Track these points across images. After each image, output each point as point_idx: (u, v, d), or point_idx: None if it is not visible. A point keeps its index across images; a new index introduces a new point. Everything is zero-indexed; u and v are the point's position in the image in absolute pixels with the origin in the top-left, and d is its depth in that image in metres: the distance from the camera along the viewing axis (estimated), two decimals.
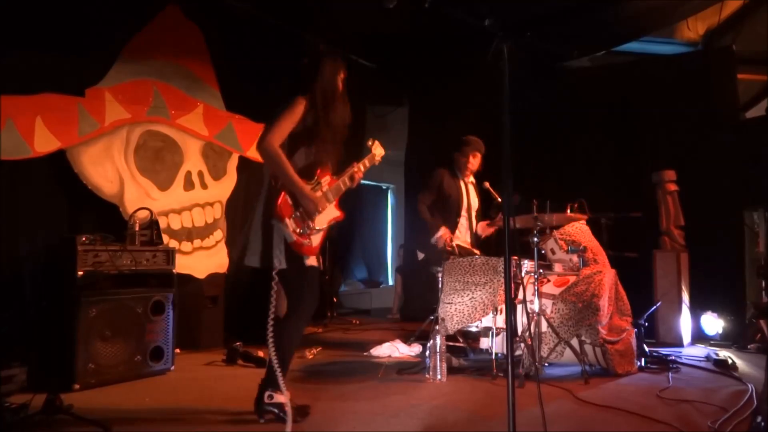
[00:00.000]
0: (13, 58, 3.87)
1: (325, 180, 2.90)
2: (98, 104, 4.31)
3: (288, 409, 2.62)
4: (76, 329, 3.43)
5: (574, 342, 3.88)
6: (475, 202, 4.84)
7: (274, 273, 2.68)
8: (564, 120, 6.28)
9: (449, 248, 4.41)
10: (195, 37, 5.06)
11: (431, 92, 7.20)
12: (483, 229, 4.81)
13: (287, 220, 2.73)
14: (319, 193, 2.84)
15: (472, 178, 4.88)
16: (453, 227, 4.66)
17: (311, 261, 2.81)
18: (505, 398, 1.90)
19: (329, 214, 2.90)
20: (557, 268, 4.40)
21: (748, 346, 4.95)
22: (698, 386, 3.61)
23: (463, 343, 4.52)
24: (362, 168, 3.03)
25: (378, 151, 3.16)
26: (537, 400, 2.20)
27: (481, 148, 4.77)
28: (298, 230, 2.74)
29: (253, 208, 2.96)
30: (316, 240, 2.83)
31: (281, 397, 2.69)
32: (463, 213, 4.74)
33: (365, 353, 4.65)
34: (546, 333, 3.90)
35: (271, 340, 2.62)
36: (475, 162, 4.78)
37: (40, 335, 3.37)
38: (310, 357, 4.52)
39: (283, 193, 2.74)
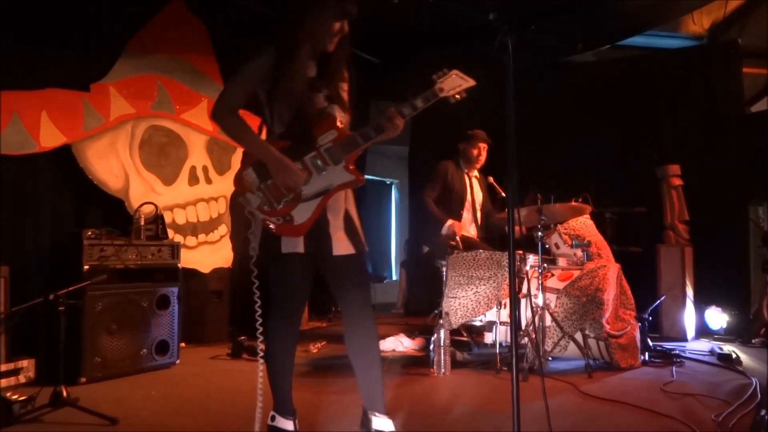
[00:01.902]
0: (18, 53, 3.88)
1: (326, 137, 2.21)
2: (103, 99, 4.32)
3: None
4: (83, 323, 3.46)
5: (578, 336, 3.88)
6: (479, 196, 4.83)
7: (251, 264, 2.23)
8: (568, 114, 6.26)
9: (453, 242, 4.41)
10: (199, 32, 5.07)
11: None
12: (498, 221, 4.78)
13: (248, 195, 2.19)
14: (311, 155, 2.19)
15: (476, 172, 4.88)
16: (457, 220, 4.66)
17: (291, 245, 2.18)
18: (509, 392, 1.91)
19: (329, 179, 2.20)
20: (561, 262, 4.40)
21: (753, 341, 4.94)
22: (702, 380, 3.61)
23: (467, 337, 4.53)
24: (406, 112, 2.21)
25: (448, 83, 2.23)
26: (541, 394, 2.20)
27: (488, 141, 4.77)
28: (265, 206, 2.18)
29: None
30: (300, 216, 2.17)
31: (283, 423, 2.31)
32: (467, 206, 4.74)
33: None
34: (550, 327, 3.90)
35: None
36: (484, 155, 4.78)
37: (48, 329, 3.39)
38: (315, 351, 4.54)
39: (244, 165, 2.24)
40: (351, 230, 2.28)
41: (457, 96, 2.25)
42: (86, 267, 3.54)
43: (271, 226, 2.17)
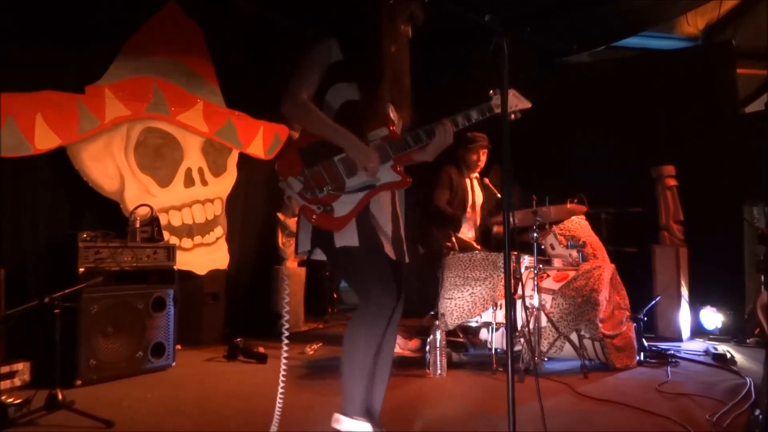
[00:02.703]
0: (13, 55, 3.87)
1: (376, 134, 2.20)
2: (98, 101, 4.31)
3: None
4: (78, 326, 3.45)
5: (574, 337, 3.89)
6: (479, 198, 4.87)
7: (281, 254, 2.24)
8: (564, 115, 6.27)
9: (449, 243, 4.43)
10: (194, 33, 5.06)
11: (431, 88, 7.20)
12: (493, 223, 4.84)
13: (291, 180, 2.13)
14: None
15: (476, 174, 4.91)
16: (459, 223, 4.69)
17: (344, 239, 2.12)
18: (504, 393, 1.91)
19: (377, 175, 2.17)
20: (557, 263, 4.41)
21: (747, 341, 4.97)
22: (697, 380, 3.63)
23: (463, 338, 4.53)
24: (459, 121, 2.24)
25: (498, 100, 2.20)
26: (536, 395, 2.21)
27: (488, 146, 4.79)
28: (307, 193, 2.12)
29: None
30: (341, 209, 2.13)
31: (350, 424, 2.13)
32: (469, 209, 4.77)
33: None
34: (545, 328, 3.91)
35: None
36: (483, 159, 4.81)
37: (43, 332, 3.38)
38: (311, 352, 4.54)
39: (290, 148, 2.21)
40: (395, 237, 2.25)
41: (512, 116, 2.25)
42: (82, 269, 3.54)
43: (314, 217, 2.12)
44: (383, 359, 2.25)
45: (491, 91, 2.27)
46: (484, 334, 4.38)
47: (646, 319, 4.43)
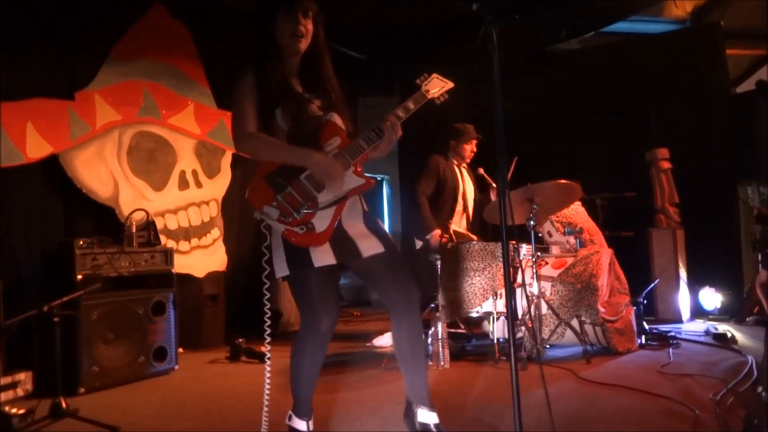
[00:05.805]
0: (0, 63, 3.84)
1: (331, 144, 2.21)
2: (88, 107, 4.28)
3: None
4: (79, 333, 3.44)
5: (575, 323, 3.90)
6: (470, 188, 4.86)
7: (263, 277, 2.20)
8: (556, 103, 6.28)
9: (446, 237, 4.42)
10: (182, 35, 5.04)
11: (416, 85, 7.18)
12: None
13: (266, 208, 2.11)
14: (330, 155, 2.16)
15: (464, 164, 4.90)
16: (450, 213, 4.68)
17: (322, 257, 2.13)
18: (508, 381, 1.91)
19: (344, 184, 2.18)
20: (555, 250, 4.42)
21: (747, 319, 5.00)
22: (699, 360, 3.65)
23: (465, 329, 4.54)
24: (401, 114, 2.27)
25: (432, 86, 2.33)
26: (540, 382, 2.21)
27: (478, 136, 4.79)
28: (287, 218, 2.11)
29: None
30: (321, 224, 2.13)
31: (298, 423, 2.31)
32: (460, 199, 4.76)
33: (368, 344, 4.67)
34: (546, 315, 3.92)
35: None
36: (475, 149, 4.81)
37: (43, 340, 3.37)
38: None
39: (255, 178, 2.17)
40: (377, 230, 2.27)
41: (441, 98, 2.35)
42: (79, 276, 3.52)
43: (293, 238, 2.12)
44: (417, 357, 2.28)
45: (418, 80, 2.34)
46: (485, 324, 4.39)
47: (645, 302, 4.45)
